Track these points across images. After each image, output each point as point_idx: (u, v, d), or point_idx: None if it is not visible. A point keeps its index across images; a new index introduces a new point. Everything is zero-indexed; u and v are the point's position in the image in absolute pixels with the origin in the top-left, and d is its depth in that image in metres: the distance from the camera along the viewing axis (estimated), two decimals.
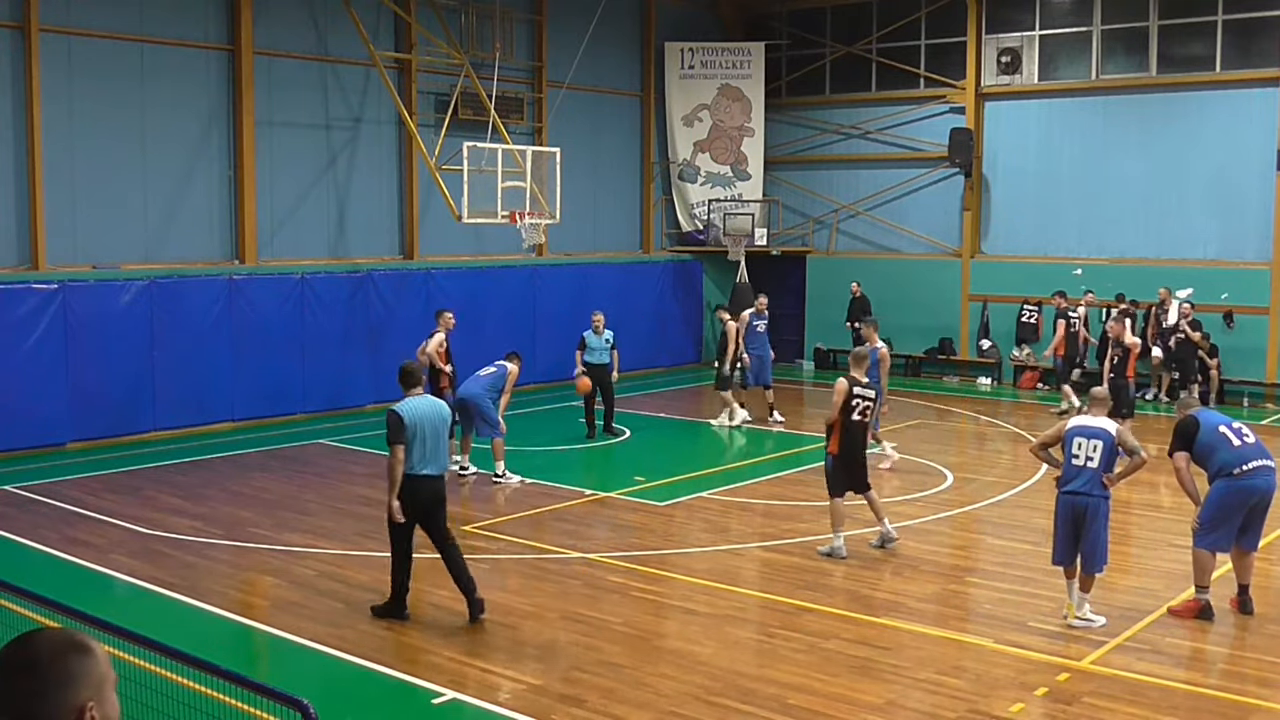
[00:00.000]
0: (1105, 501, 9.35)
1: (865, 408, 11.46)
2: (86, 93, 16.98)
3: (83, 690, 2.44)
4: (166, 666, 6.54)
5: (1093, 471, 9.26)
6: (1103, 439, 9.27)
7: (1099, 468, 9.26)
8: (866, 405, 11.48)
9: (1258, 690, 8.26)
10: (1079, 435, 9.39)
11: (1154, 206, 22.19)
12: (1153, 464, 16.75)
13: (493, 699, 7.99)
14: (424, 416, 9.32)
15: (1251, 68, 21.07)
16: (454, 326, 15.54)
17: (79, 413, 16.34)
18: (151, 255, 17.80)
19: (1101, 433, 9.31)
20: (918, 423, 19.12)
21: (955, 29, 24.08)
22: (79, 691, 2.43)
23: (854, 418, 11.41)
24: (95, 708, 2.45)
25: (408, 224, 21.14)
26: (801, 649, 8.91)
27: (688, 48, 26.06)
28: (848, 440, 11.43)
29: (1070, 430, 9.52)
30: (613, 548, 11.73)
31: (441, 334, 15.22)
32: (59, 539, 11.89)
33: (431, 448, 9.32)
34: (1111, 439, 9.27)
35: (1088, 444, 9.30)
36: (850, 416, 11.38)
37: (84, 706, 2.43)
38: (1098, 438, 9.29)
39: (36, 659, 2.44)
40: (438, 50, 20.65)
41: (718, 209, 25.81)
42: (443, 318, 15.45)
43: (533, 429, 18.23)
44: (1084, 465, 9.30)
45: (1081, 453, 9.32)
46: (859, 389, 11.42)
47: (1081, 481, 9.31)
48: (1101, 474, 9.27)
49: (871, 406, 11.57)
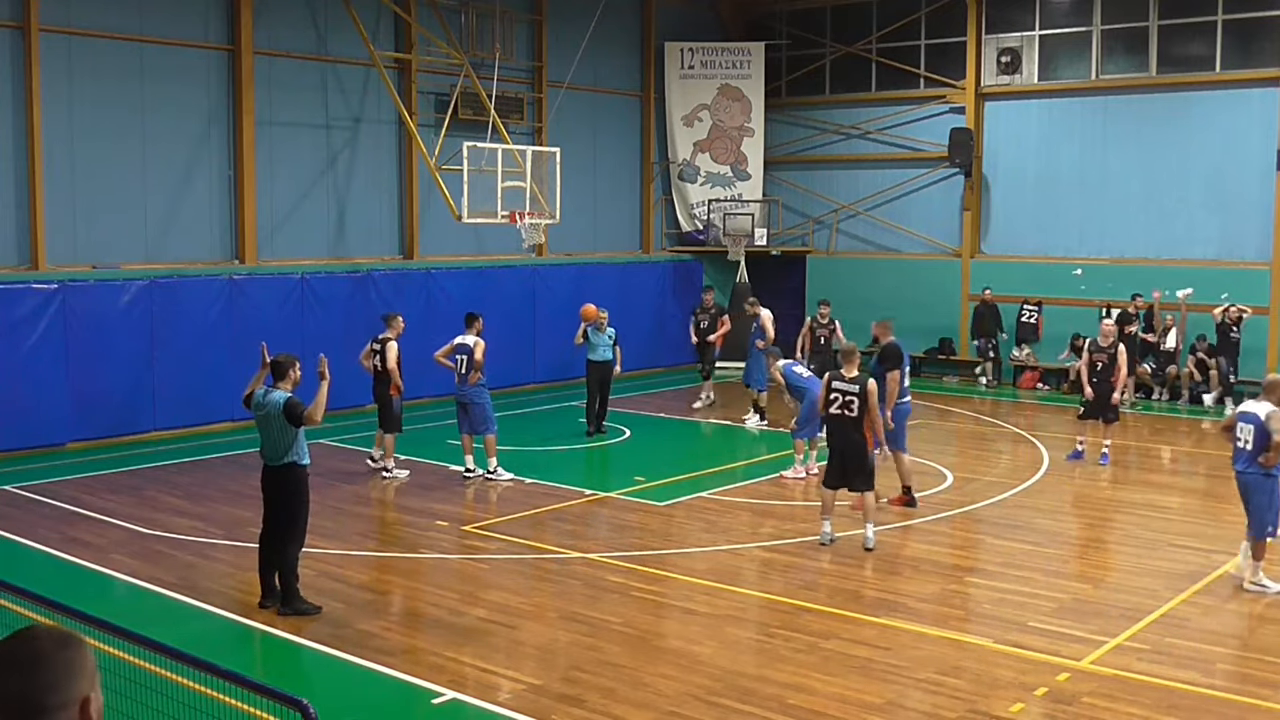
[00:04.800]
0: (1263, 479, 10.16)
1: (846, 402, 11.59)
2: (86, 93, 16.98)
3: (84, 681, 2.51)
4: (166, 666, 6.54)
5: (1249, 452, 10.18)
6: (1254, 423, 10.16)
7: (1254, 449, 10.14)
8: (849, 399, 11.59)
9: (1258, 690, 8.25)
10: (1241, 420, 10.39)
11: (1154, 206, 22.18)
12: (1150, 464, 16.86)
13: (493, 699, 7.99)
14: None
15: (1251, 68, 21.07)
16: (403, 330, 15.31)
17: (79, 413, 16.34)
18: (151, 255, 17.80)
19: (1254, 417, 10.20)
20: (918, 423, 19.05)
21: (955, 29, 24.08)
22: (81, 683, 2.51)
23: (833, 411, 11.72)
24: (94, 699, 2.53)
25: (408, 224, 21.15)
26: (801, 649, 8.91)
27: (688, 48, 26.06)
28: (832, 436, 11.88)
29: (1237, 415, 10.52)
30: (613, 548, 11.73)
31: (395, 341, 14.99)
32: (59, 539, 11.89)
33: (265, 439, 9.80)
34: (1261, 422, 10.09)
35: (1246, 428, 10.26)
36: (830, 411, 11.75)
37: (87, 697, 2.51)
38: (1251, 422, 10.21)
39: (44, 653, 2.50)
40: (438, 50, 20.65)
41: (718, 209, 25.81)
42: (395, 322, 15.20)
43: (533, 429, 18.24)
44: (1243, 447, 10.25)
45: (1243, 436, 10.28)
46: (838, 383, 11.71)
47: (1242, 462, 10.30)
48: (1256, 455, 10.11)
49: (855, 401, 11.58)
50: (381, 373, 14.90)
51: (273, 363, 9.96)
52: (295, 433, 9.59)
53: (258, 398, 9.81)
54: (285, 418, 9.51)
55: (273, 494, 9.77)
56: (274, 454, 9.68)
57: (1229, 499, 14.52)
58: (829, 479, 11.81)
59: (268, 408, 9.64)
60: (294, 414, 9.48)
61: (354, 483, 14.59)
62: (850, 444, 11.63)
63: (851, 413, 11.58)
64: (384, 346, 14.92)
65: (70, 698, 2.47)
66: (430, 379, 17.10)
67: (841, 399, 11.59)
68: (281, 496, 9.72)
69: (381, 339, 15.04)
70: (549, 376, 21.90)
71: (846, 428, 11.64)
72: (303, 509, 9.78)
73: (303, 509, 9.78)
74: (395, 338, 15.00)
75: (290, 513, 9.72)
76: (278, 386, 9.81)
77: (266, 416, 9.63)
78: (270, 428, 9.63)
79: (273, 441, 9.66)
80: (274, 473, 9.73)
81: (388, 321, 15.27)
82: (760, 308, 18.75)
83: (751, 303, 19.17)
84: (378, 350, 14.97)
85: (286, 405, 9.53)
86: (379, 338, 15.12)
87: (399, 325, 15.19)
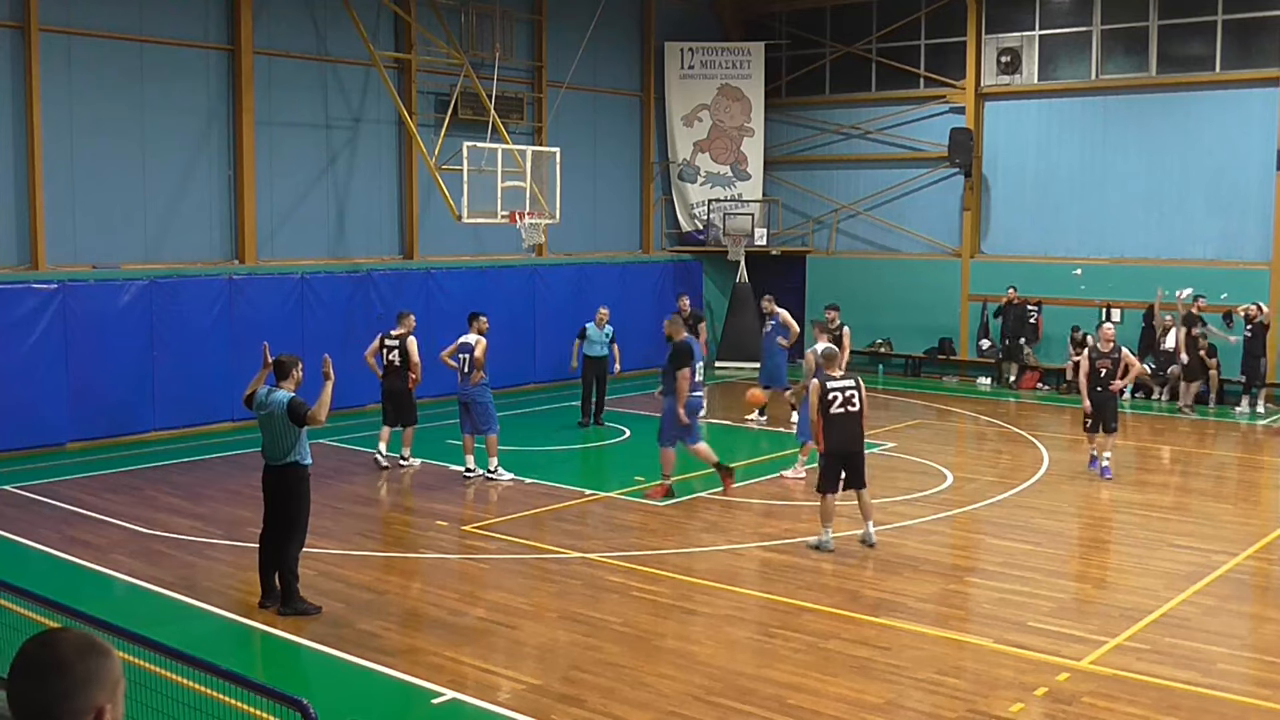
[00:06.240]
0: None
1: (847, 399, 11.62)
2: (86, 93, 16.98)
3: (102, 692, 2.48)
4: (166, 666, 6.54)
5: None
6: None
7: None
8: (850, 393, 11.65)
9: (1258, 690, 8.26)
10: None
11: (1154, 206, 22.19)
12: (1149, 464, 16.86)
13: (493, 699, 7.98)
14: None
15: (1251, 68, 21.07)
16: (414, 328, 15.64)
17: (79, 413, 16.34)
18: (151, 255, 17.80)
19: None
20: (918, 423, 19.12)
21: (955, 29, 24.08)
22: (99, 693, 2.47)
23: (834, 411, 11.59)
24: (111, 710, 2.48)
25: (408, 224, 21.15)
26: (801, 649, 8.91)
27: (687, 48, 26.06)
28: (835, 435, 11.60)
29: None
30: (613, 548, 11.73)
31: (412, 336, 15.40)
32: (59, 539, 11.89)
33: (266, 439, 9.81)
34: None
35: None
36: (831, 411, 11.57)
37: (102, 708, 2.47)
38: None
39: (64, 660, 2.47)
40: (437, 50, 20.65)
41: (718, 209, 25.81)
42: (407, 319, 15.52)
43: (533, 428, 18.24)
44: None
45: None
46: (834, 384, 11.65)
47: None
48: None
49: (854, 395, 11.65)
50: (395, 368, 15.21)
51: (275, 362, 9.96)
52: (298, 432, 9.60)
53: (260, 397, 9.82)
54: (289, 417, 9.52)
55: (274, 493, 9.77)
56: (276, 453, 9.68)
57: (1229, 499, 14.58)
58: (833, 483, 11.60)
59: (271, 407, 9.64)
60: (297, 414, 9.49)
61: (354, 483, 14.59)
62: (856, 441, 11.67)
63: (854, 408, 11.64)
64: (403, 342, 15.25)
65: (83, 707, 2.44)
66: (430, 379, 17.08)
67: (842, 396, 11.60)
68: (282, 496, 9.72)
69: (396, 335, 15.35)
70: (549, 376, 21.89)
71: (850, 424, 11.66)
72: (303, 509, 9.78)
73: (303, 509, 9.78)
74: (410, 333, 15.34)
75: (291, 512, 9.72)
76: (280, 386, 9.81)
77: (269, 416, 9.64)
78: (273, 427, 9.64)
79: (275, 441, 9.66)
80: (276, 472, 9.73)
81: (400, 319, 15.58)
82: (776, 306, 18.71)
83: (768, 300, 19.05)
84: (393, 346, 15.27)
85: (290, 405, 9.54)
86: (392, 334, 15.43)
87: (410, 322, 15.52)
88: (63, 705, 2.42)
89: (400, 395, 15.28)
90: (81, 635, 2.55)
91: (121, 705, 2.51)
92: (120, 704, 2.51)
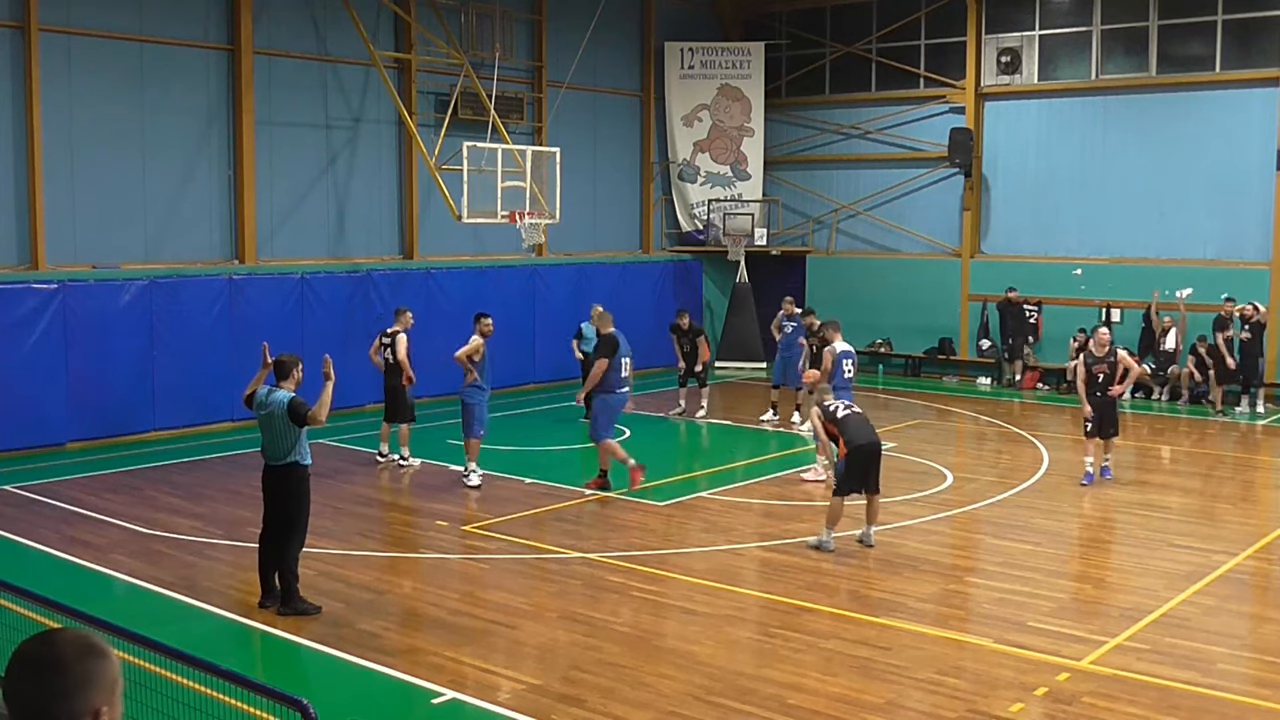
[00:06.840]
0: None
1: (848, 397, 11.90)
2: (86, 93, 16.98)
3: (100, 693, 2.46)
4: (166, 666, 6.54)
5: None
6: None
7: None
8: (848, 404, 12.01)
9: (1258, 690, 8.26)
10: None
11: (1154, 206, 22.18)
12: (1149, 465, 16.86)
13: (493, 699, 7.98)
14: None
15: (1251, 68, 21.07)
16: (412, 324, 15.69)
17: (79, 413, 16.33)
18: (151, 255, 17.80)
19: None
20: (918, 423, 19.12)
21: (955, 29, 24.08)
22: (96, 694, 2.45)
23: (840, 415, 11.74)
24: (108, 712, 2.47)
25: (408, 224, 21.14)
26: (801, 649, 8.91)
27: (687, 48, 26.06)
28: (852, 435, 11.63)
29: None
30: (613, 548, 11.73)
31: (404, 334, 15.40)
32: (59, 539, 11.89)
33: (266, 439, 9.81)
34: None
35: None
36: (839, 415, 11.74)
37: (99, 710, 2.45)
38: None
39: (62, 659, 2.45)
40: (437, 50, 20.65)
41: (718, 209, 25.81)
42: (404, 316, 15.55)
43: (533, 428, 18.23)
44: None
45: None
46: (829, 401, 12.00)
47: None
48: None
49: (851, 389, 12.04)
50: (393, 365, 15.28)
51: (276, 362, 9.96)
52: (298, 432, 9.60)
53: (260, 397, 9.82)
54: (289, 418, 9.52)
55: (274, 493, 9.77)
56: (276, 453, 9.68)
57: (1229, 499, 14.58)
58: (854, 482, 11.57)
59: (271, 407, 9.64)
60: (298, 414, 9.49)
61: (354, 482, 14.59)
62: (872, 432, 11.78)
63: (857, 410, 11.98)
64: (394, 339, 15.29)
65: (80, 709, 2.42)
66: (430, 379, 17.08)
67: (843, 407, 11.89)
68: (282, 496, 9.72)
69: (391, 332, 15.42)
70: (549, 376, 21.89)
71: (861, 421, 11.81)
72: (303, 509, 9.78)
73: (303, 509, 9.78)
74: (404, 330, 15.37)
75: (291, 512, 9.72)
76: (280, 386, 9.81)
77: (270, 416, 9.64)
78: (273, 427, 9.64)
79: (275, 441, 9.66)
80: (276, 472, 9.73)
81: (397, 315, 15.63)
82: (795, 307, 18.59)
83: (789, 301, 18.73)
84: (388, 344, 15.36)
85: (291, 405, 9.54)
86: (388, 331, 15.51)
87: (407, 319, 15.55)
88: (60, 705, 2.41)
89: (394, 392, 15.35)
90: (80, 636, 2.54)
91: (119, 706, 2.50)
92: (118, 705, 2.49)
